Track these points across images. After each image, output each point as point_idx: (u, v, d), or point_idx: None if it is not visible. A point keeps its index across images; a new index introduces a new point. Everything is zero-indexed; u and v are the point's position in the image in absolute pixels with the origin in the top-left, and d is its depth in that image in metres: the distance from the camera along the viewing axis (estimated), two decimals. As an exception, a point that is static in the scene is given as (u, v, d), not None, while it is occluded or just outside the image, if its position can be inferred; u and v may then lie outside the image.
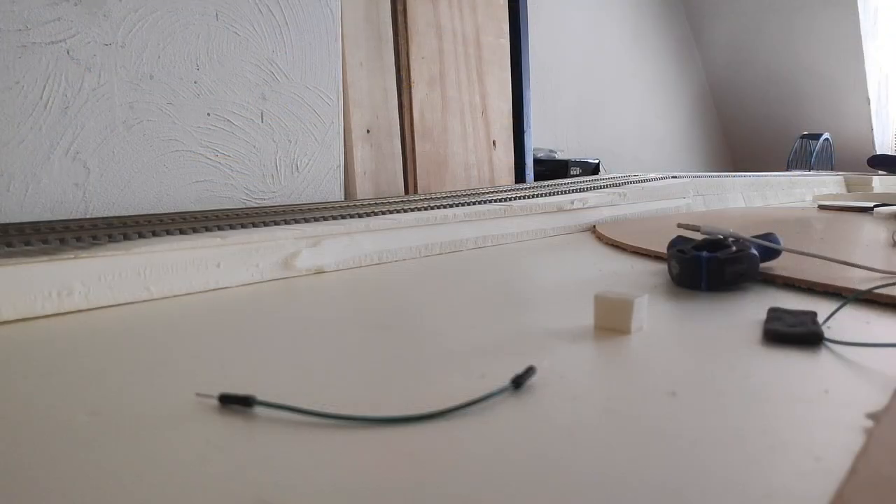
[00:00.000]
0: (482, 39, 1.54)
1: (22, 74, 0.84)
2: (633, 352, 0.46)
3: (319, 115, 1.17)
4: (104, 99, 0.91)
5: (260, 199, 1.10)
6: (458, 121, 1.48)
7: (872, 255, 0.80)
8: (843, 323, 0.51)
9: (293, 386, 0.40)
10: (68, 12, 0.88)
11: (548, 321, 0.54)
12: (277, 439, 0.32)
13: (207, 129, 1.02)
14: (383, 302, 0.63)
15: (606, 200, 1.20)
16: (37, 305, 0.54)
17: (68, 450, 0.31)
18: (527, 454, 0.30)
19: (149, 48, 0.95)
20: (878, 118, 2.91)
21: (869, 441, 0.31)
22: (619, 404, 0.36)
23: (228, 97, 1.05)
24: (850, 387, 0.39)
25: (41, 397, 0.38)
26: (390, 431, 0.33)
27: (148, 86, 0.95)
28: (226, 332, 0.52)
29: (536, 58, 1.81)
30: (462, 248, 0.91)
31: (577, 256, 0.88)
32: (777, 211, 1.43)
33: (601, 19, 2.49)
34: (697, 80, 3.16)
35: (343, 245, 0.77)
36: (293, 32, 1.13)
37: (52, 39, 0.86)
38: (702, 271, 0.63)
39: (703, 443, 0.31)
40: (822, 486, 0.27)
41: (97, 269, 0.58)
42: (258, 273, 0.69)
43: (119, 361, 0.44)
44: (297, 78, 1.13)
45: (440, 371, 0.42)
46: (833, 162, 2.71)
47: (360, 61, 1.26)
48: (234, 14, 1.04)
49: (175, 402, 0.36)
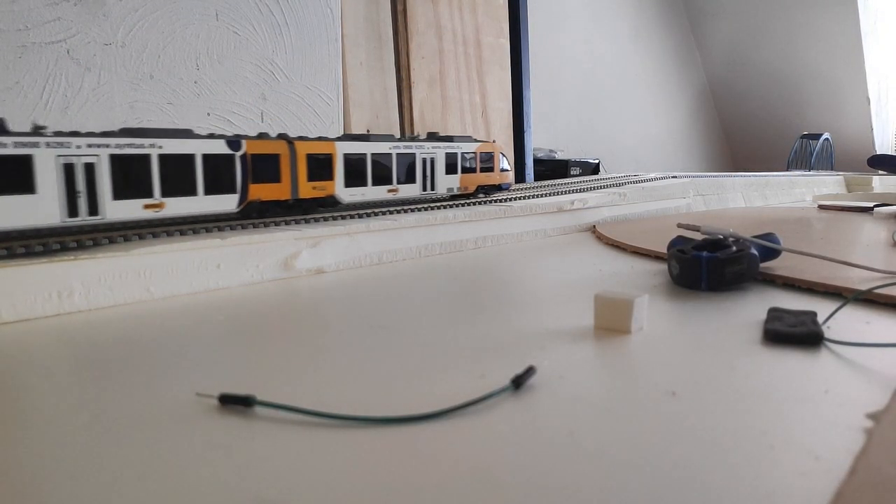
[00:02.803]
0: (482, 39, 1.54)
1: (22, 74, 0.84)
2: (633, 352, 0.46)
3: (319, 115, 1.17)
4: (104, 99, 0.91)
5: (260, 200, 1.10)
6: (458, 121, 1.48)
7: (872, 255, 0.80)
8: (843, 323, 0.51)
9: (293, 386, 0.40)
10: (68, 12, 0.88)
11: (548, 321, 0.54)
12: (277, 439, 0.32)
13: (207, 129, 1.02)
14: (383, 302, 0.63)
15: (606, 200, 1.20)
16: (37, 306, 0.54)
17: (68, 450, 0.31)
18: (527, 454, 0.30)
19: (149, 48, 0.95)
20: (878, 118, 2.91)
21: (869, 441, 0.31)
22: (619, 404, 0.36)
23: (228, 97, 1.05)
24: (850, 387, 0.39)
25: (41, 397, 0.38)
26: (390, 431, 0.33)
27: (148, 86, 0.95)
28: (226, 333, 0.52)
29: (536, 58, 1.81)
30: (462, 248, 0.91)
31: (577, 256, 0.88)
32: (777, 211, 1.43)
33: (601, 19, 2.49)
34: (697, 80, 3.16)
35: (343, 245, 0.77)
36: (293, 32, 1.13)
37: (52, 39, 0.86)
38: (702, 271, 0.63)
39: (703, 443, 0.31)
40: (822, 485, 0.27)
41: (97, 270, 0.58)
42: (258, 273, 0.69)
43: (119, 361, 0.44)
44: (297, 78, 1.13)
45: (440, 371, 0.42)
46: (833, 162, 2.71)
47: (360, 61, 1.26)
48: (234, 14, 1.05)
49: (175, 402, 0.36)
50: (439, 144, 0.97)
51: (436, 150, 0.97)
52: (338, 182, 0.83)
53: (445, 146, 0.99)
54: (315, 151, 0.81)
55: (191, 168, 0.67)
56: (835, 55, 2.79)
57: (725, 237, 0.67)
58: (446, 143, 0.99)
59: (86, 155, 0.59)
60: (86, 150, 0.60)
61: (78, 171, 0.59)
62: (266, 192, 0.76)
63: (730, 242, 0.66)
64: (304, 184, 0.80)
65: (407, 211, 0.89)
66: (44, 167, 0.56)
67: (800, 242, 0.84)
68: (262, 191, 0.75)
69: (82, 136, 0.59)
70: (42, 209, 0.57)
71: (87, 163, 0.60)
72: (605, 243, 0.96)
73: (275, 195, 0.77)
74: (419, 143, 0.94)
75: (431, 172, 0.96)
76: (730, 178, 1.64)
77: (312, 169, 0.80)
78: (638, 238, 0.93)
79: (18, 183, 0.55)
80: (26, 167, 0.55)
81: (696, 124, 3.14)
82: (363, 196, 0.87)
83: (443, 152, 0.98)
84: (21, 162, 0.55)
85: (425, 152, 0.95)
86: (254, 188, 0.74)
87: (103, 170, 0.61)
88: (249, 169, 0.73)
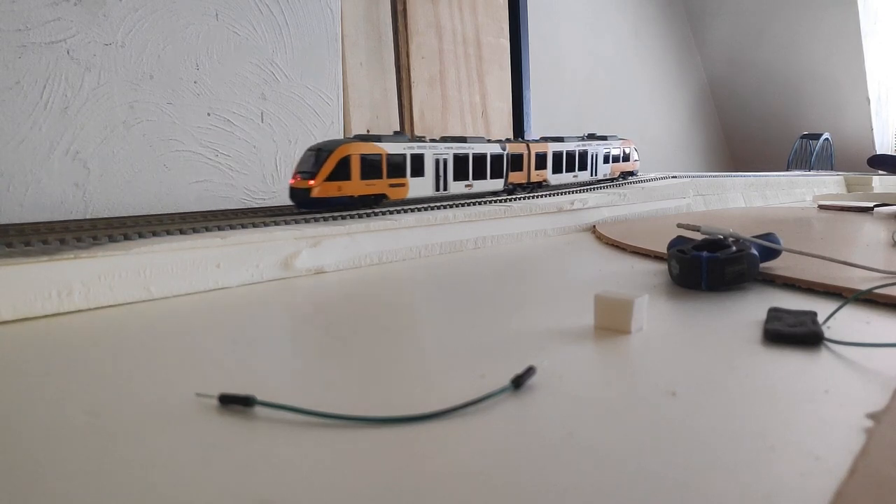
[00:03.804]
0: (482, 39, 1.54)
1: (22, 74, 0.84)
2: (633, 352, 0.46)
3: (319, 115, 1.17)
4: (104, 99, 0.91)
5: (260, 199, 1.10)
6: (458, 121, 1.48)
7: (872, 255, 0.80)
8: (843, 323, 0.51)
9: (293, 386, 0.40)
10: (68, 12, 0.88)
11: (548, 321, 0.54)
12: (277, 439, 0.32)
13: (207, 129, 1.02)
14: (383, 302, 0.63)
15: (606, 200, 1.20)
16: (37, 305, 0.54)
17: (68, 450, 0.31)
18: (526, 454, 0.30)
19: (149, 48, 0.95)
20: (878, 118, 2.90)
21: (869, 441, 0.31)
22: (619, 404, 0.36)
23: (228, 97, 1.05)
24: (850, 387, 0.39)
25: (41, 397, 0.38)
26: (390, 431, 0.33)
27: (148, 86, 0.95)
28: (226, 332, 0.52)
29: (536, 58, 1.80)
30: (462, 248, 0.91)
31: (577, 256, 0.88)
32: (777, 211, 1.43)
33: (601, 19, 2.49)
34: (697, 80, 3.16)
35: (343, 245, 0.77)
36: (293, 32, 1.13)
37: (52, 39, 0.86)
38: (702, 271, 0.63)
39: (703, 443, 0.31)
40: (822, 485, 0.27)
41: (97, 269, 0.58)
42: (258, 273, 0.69)
43: (119, 361, 0.44)
44: (297, 78, 1.13)
45: (440, 371, 0.42)
46: (833, 162, 2.71)
47: (360, 61, 1.26)
48: (234, 14, 1.04)
49: (175, 402, 0.36)
50: (602, 143, 1.37)
51: (600, 147, 1.36)
52: (549, 171, 1.22)
53: (606, 144, 1.38)
54: (538, 151, 1.19)
55: (485, 163, 1.07)
56: (835, 55, 2.79)
57: (725, 237, 0.67)
58: (607, 142, 1.38)
59: (443, 154, 0.99)
60: (443, 151, 0.99)
61: (440, 164, 0.98)
62: (515, 178, 1.15)
63: (730, 242, 0.66)
64: (533, 172, 1.19)
65: (407, 211, 0.89)
66: (429, 162, 0.97)
67: (800, 242, 0.84)
68: (514, 177, 1.14)
69: (438, 142, 0.99)
70: (427, 186, 0.97)
71: (444, 159, 0.99)
72: (605, 243, 0.96)
73: (519, 179, 1.16)
74: (591, 142, 1.34)
75: (598, 162, 1.36)
76: (730, 178, 1.64)
77: (538, 162, 1.20)
78: (638, 238, 0.93)
79: (419, 170, 0.95)
80: (421, 161, 0.95)
81: (696, 124, 3.14)
82: (562, 180, 1.26)
83: (603, 148, 1.37)
84: (420, 159, 0.95)
85: (593, 149, 1.35)
86: (511, 175, 1.13)
87: (450, 163, 1.00)
88: (509, 163, 1.12)
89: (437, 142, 0.99)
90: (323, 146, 0.86)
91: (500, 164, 1.10)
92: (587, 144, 1.31)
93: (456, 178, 1.01)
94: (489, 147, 1.08)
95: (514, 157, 1.13)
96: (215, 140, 1.03)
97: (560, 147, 1.24)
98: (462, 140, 1.04)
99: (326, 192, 0.83)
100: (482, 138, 1.10)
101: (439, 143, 0.99)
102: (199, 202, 1.01)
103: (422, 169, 0.95)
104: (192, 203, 1.01)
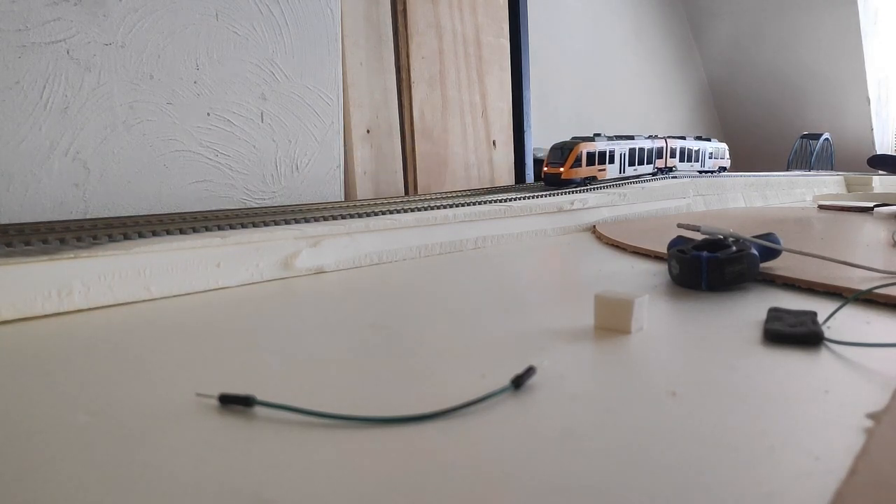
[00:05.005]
0: (482, 39, 1.54)
1: (22, 74, 0.84)
2: (633, 352, 0.46)
3: (319, 115, 1.17)
4: (104, 99, 0.91)
5: (260, 199, 1.10)
6: (458, 121, 1.48)
7: (872, 255, 0.80)
8: (843, 323, 0.51)
9: (293, 386, 0.40)
10: (68, 12, 0.88)
11: (548, 321, 0.54)
12: (277, 439, 0.32)
13: (207, 129, 1.02)
14: (383, 302, 0.63)
15: (606, 200, 1.20)
16: (37, 305, 0.54)
17: (68, 450, 0.31)
18: (527, 454, 0.30)
19: (149, 48, 0.95)
20: (878, 118, 2.90)
21: (869, 441, 0.31)
22: (619, 404, 0.36)
23: (228, 97, 1.05)
24: (850, 387, 0.39)
25: (41, 397, 0.38)
26: (390, 431, 0.33)
27: (148, 86, 0.95)
28: (226, 332, 0.52)
29: (536, 58, 1.80)
30: (462, 248, 0.91)
31: (577, 256, 0.88)
32: (777, 211, 1.43)
33: (601, 19, 2.49)
34: (697, 80, 3.16)
35: (343, 245, 0.77)
36: (293, 32, 1.13)
37: (52, 39, 0.86)
38: (702, 271, 0.63)
39: (703, 443, 0.31)
40: (822, 486, 0.27)
41: (97, 268, 0.58)
42: (258, 273, 0.69)
43: (119, 361, 0.44)
44: (297, 78, 1.13)
45: (440, 371, 0.42)
46: (833, 162, 2.71)
47: (360, 61, 1.26)
48: (234, 14, 1.04)
49: (175, 402, 0.36)
50: (708, 142, 1.70)
51: (707, 145, 1.70)
52: (677, 160, 1.57)
53: (711, 143, 1.72)
54: (672, 145, 1.54)
55: (644, 154, 1.44)
56: (835, 55, 2.79)
57: (725, 237, 0.67)
58: (710, 142, 1.72)
59: (623, 149, 1.35)
60: (623, 146, 1.35)
61: (623, 156, 1.35)
62: (659, 164, 1.49)
63: (730, 242, 0.65)
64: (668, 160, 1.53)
65: (407, 211, 0.89)
66: (617, 154, 1.33)
67: (800, 242, 0.84)
68: (658, 163, 1.49)
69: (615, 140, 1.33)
70: (615, 170, 1.33)
71: (623, 152, 1.35)
72: (605, 243, 0.96)
73: (660, 165, 1.50)
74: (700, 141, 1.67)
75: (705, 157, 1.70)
76: (730, 178, 1.64)
77: (670, 154, 1.53)
78: (638, 238, 0.93)
79: (612, 160, 1.32)
80: (614, 154, 1.32)
81: (696, 124, 3.14)
82: (683, 168, 1.60)
83: (709, 146, 1.71)
84: (613, 152, 1.31)
85: (702, 146, 1.68)
86: (657, 162, 1.49)
87: (626, 155, 1.37)
88: (655, 153, 1.48)
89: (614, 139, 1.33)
90: (564, 145, 1.23)
91: (652, 154, 1.47)
92: (699, 143, 1.66)
93: (629, 165, 1.38)
94: (646, 143, 1.44)
95: (657, 149, 1.48)
96: (215, 140, 1.03)
97: (683, 143, 1.59)
98: (631, 138, 1.40)
99: (570, 175, 1.21)
100: (641, 136, 1.45)
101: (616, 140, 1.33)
102: (199, 202, 1.01)
103: (613, 159, 1.32)
104: (192, 203, 1.01)
